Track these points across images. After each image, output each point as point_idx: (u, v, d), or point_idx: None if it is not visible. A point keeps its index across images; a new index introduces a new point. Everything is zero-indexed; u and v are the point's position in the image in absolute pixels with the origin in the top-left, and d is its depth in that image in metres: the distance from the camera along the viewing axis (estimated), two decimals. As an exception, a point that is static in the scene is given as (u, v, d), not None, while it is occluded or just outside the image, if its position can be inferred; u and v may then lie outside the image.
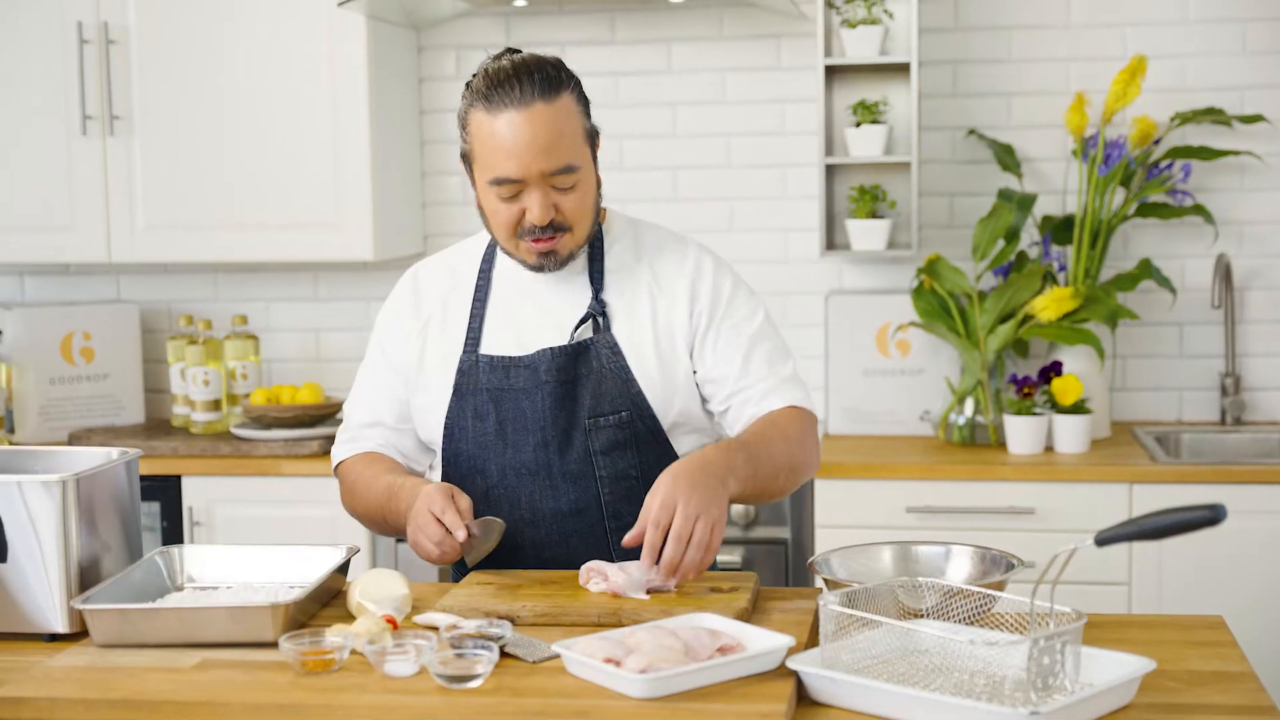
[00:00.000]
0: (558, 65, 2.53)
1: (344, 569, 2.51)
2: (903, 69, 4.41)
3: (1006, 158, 4.39)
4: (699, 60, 4.60)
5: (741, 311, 2.65)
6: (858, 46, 4.35)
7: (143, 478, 4.08)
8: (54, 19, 4.42)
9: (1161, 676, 2.10)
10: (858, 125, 4.41)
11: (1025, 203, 4.31)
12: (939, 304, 4.29)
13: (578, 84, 2.56)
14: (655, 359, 2.60)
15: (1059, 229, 4.38)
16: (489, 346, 2.63)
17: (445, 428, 2.65)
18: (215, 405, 4.51)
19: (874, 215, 4.44)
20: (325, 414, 4.39)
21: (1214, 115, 4.32)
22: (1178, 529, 1.98)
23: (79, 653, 2.23)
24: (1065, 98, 4.45)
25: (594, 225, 2.61)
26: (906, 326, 4.36)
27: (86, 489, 2.39)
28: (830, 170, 4.50)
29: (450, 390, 2.64)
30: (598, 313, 2.60)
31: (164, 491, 4.25)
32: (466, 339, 2.64)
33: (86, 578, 2.38)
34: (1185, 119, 4.32)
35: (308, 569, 2.50)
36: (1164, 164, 4.35)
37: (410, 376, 2.69)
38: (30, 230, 4.52)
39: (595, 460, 2.58)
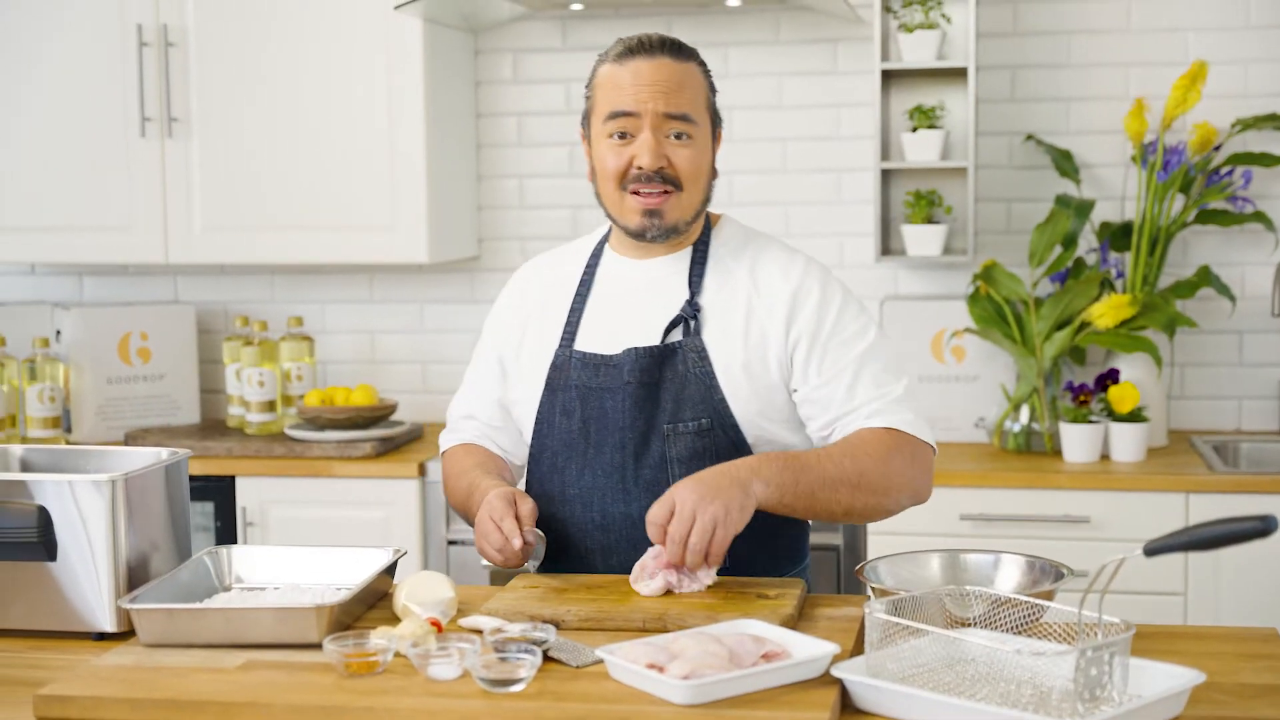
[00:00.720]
0: (691, 47, 2.60)
1: (391, 571, 2.52)
2: (960, 74, 4.38)
3: (1065, 163, 4.36)
4: (755, 64, 4.59)
5: (850, 329, 2.57)
6: (915, 51, 4.33)
7: (197, 478, 4.14)
8: (114, 21, 4.46)
9: (1212, 689, 2.08)
10: (914, 130, 4.39)
11: (1083, 209, 4.28)
12: (995, 310, 4.26)
13: (707, 71, 2.62)
14: (743, 369, 2.54)
15: (1117, 235, 4.35)
16: (583, 343, 2.61)
17: (536, 422, 2.63)
18: (270, 406, 4.53)
19: (930, 221, 4.41)
20: (379, 416, 4.40)
21: (1275, 121, 4.27)
22: (1227, 540, 1.95)
23: (125, 652, 2.24)
24: (1125, 103, 4.41)
25: (701, 204, 2.59)
26: (962, 333, 4.34)
27: (136, 488, 2.40)
28: (886, 175, 4.48)
29: (543, 384, 2.62)
30: (690, 315, 2.56)
31: (218, 492, 4.27)
32: (563, 334, 2.63)
33: (135, 577, 2.39)
34: (1246, 125, 4.28)
35: (355, 571, 2.50)
36: (1224, 170, 4.30)
37: (509, 369, 2.70)
38: (89, 231, 4.56)
39: (671, 468, 2.52)
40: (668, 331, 2.56)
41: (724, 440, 2.53)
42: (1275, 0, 4.36)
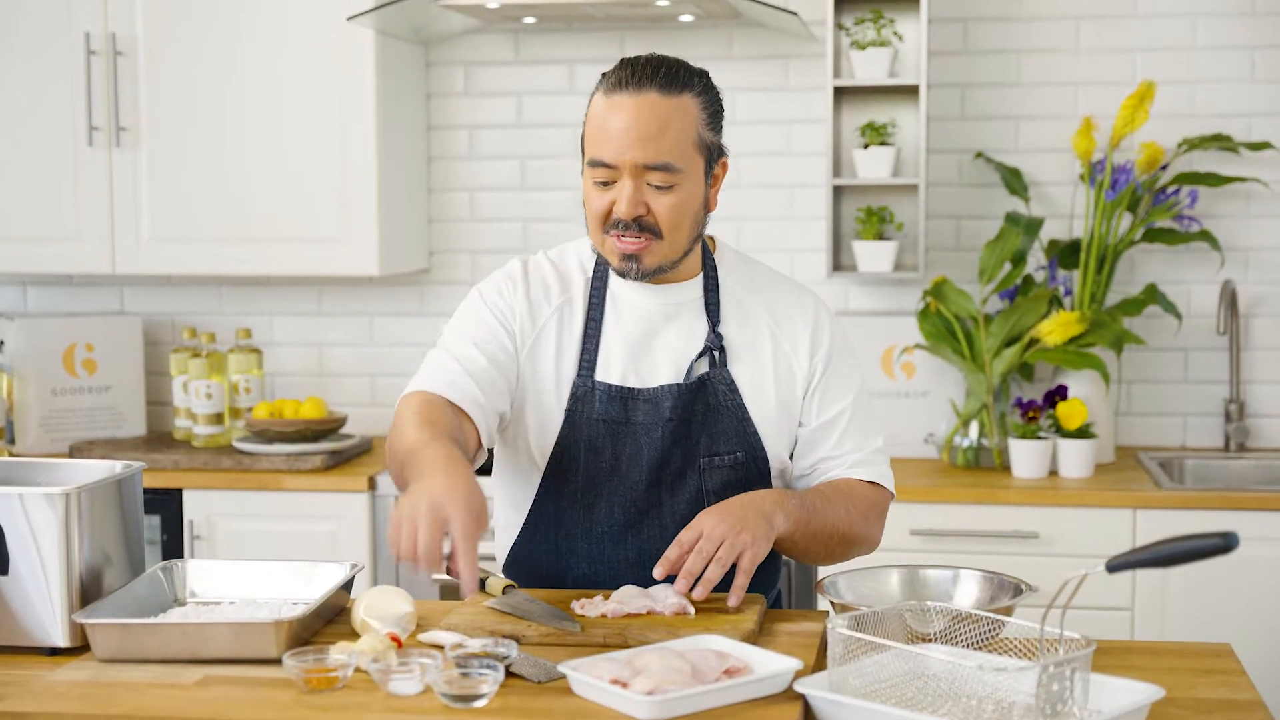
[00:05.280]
0: (691, 70, 2.45)
1: (348, 586, 2.50)
2: (911, 91, 4.40)
3: (1014, 181, 4.39)
4: (707, 79, 4.59)
5: (846, 372, 2.59)
6: (867, 68, 4.35)
7: (144, 490, 4.08)
8: (62, 30, 4.42)
9: (1170, 705, 2.09)
10: (866, 147, 4.40)
11: (1032, 226, 4.31)
12: (945, 327, 4.28)
13: (711, 97, 2.47)
14: (775, 400, 2.54)
15: (1065, 253, 4.38)
16: (605, 374, 2.52)
17: (553, 456, 2.54)
18: (217, 419, 4.49)
19: (881, 237, 4.43)
20: (328, 428, 4.37)
21: (1221, 141, 4.32)
22: (1189, 556, 1.96)
23: (80, 667, 2.22)
24: (1073, 122, 4.44)
25: (690, 242, 2.49)
26: (912, 349, 4.35)
27: (89, 502, 2.37)
28: (838, 191, 4.49)
29: (563, 415, 2.52)
30: (715, 346, 2.52)
31: (165, 505, 4.23)
32: (581, 362, 2.53)
33: (88, 591, 2.36)
34: (1193, 145, 4.32)
35: (312, 585, 2.48)
36: (1171, 189, 4.34)
37: (521, 368, 2.52)
38: (34, 241, 4.51)
39: (706, 500, 2.50)
40: (694, 363, 2.53)
41: (754, 472, 2.53)
42: (1222, 22, 4.41)
